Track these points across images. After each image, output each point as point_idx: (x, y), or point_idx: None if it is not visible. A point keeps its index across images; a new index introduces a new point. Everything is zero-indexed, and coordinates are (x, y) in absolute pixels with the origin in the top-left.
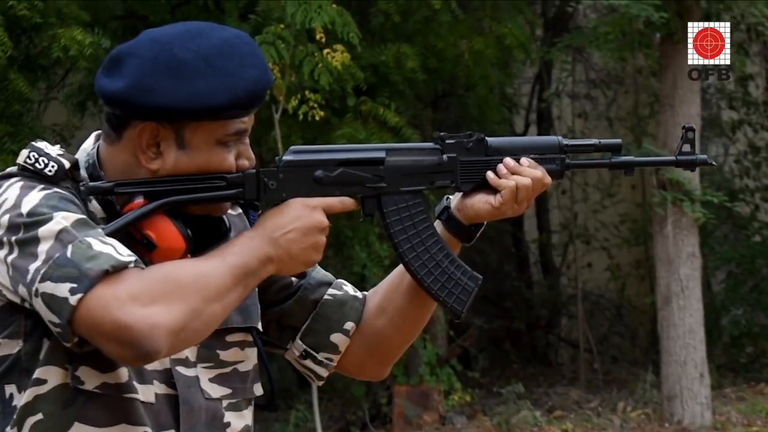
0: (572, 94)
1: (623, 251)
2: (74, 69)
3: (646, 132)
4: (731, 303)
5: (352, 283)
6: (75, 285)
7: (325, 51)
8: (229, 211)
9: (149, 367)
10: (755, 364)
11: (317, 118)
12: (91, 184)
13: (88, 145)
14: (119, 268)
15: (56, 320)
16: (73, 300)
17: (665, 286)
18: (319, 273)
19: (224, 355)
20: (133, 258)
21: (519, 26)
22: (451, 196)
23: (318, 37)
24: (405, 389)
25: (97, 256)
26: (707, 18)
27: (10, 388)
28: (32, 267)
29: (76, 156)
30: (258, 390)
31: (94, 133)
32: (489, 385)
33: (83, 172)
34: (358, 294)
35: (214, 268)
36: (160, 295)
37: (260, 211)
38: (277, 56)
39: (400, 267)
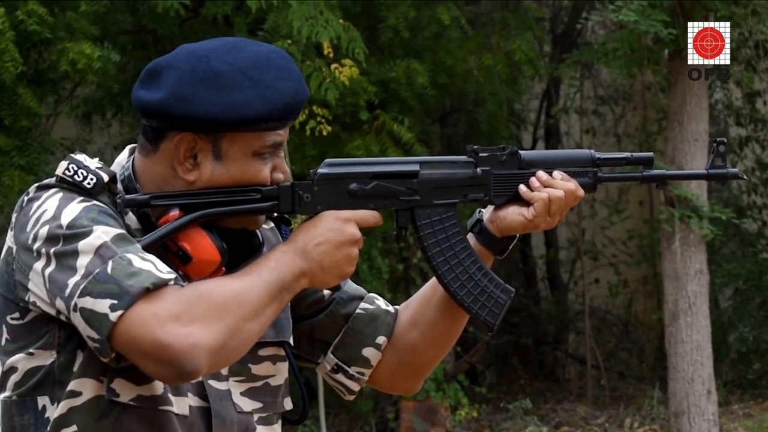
0: (580, 110)
1: (631, 267)
2: (83, 83)
3: (654, 148)
4: (738, 320)
5: None
6: (115, 301)
7: (333, 66)
8: (263, 225)
9: None
10: (762, 381)
11: (324, 133)
12: (128, 196)
13: (123, 158)
14: (159, 286)
15: (95, 336)
16: (114, 317)
17: (673, 302)
18: (351, 287)
19: (256, 369)
20: (173, 275)
21: (528, 42)
22: (483, 209)
23: (326, 51)
24: (412, 404)
25: (138, 273)
26: None
27: (42, 400)
28: (71, 281)
29: (112, 168)
30: (288, 404)
31: (128, 147)
32: (496, 401)
33: (119, 185)
34: (390, 308)
35: (251, 285)
36: (200, 314)
37: (292, 226)
38: None
39: (432, 281)
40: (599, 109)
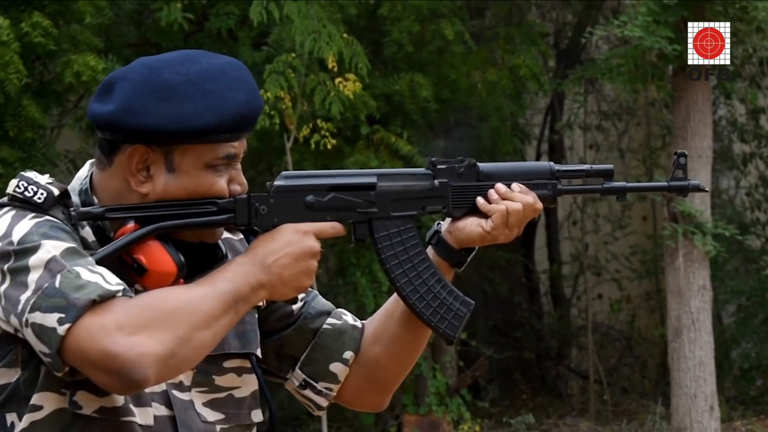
0: (584, 126)
1: (634, 283)
2: (87, 95)
3: (658, 164)
4: (741, 336)
5: (352, 311)
6: (63, 315)
7: (337, 80)
8: (230, 236)
9: (147, 389)
10: (765, 397)
11: (329, 146)
12: (82, 209)
13: (83, 172)
14: (106, 297)
15: (46, 350)
16: (62, 330)
17: (676, 318)
18: (320, 302)
19: (220, 380)
20: (121, 287)
21: (532, 57)
22: (441, 222)
23: (330, 65)
24: (414, 418)
25: (85, 286)
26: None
27: (11, 417)
28: (23, 297)
29: (72, 184)
30: (257, 417)
31: (89, 161)
32: (498, 416)
33: (76, 199)
34: (357, 323)
35: (203, 295)
36: (147, 324)
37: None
38: (287, 85)
39: (395, 295)
40: (603, 124)
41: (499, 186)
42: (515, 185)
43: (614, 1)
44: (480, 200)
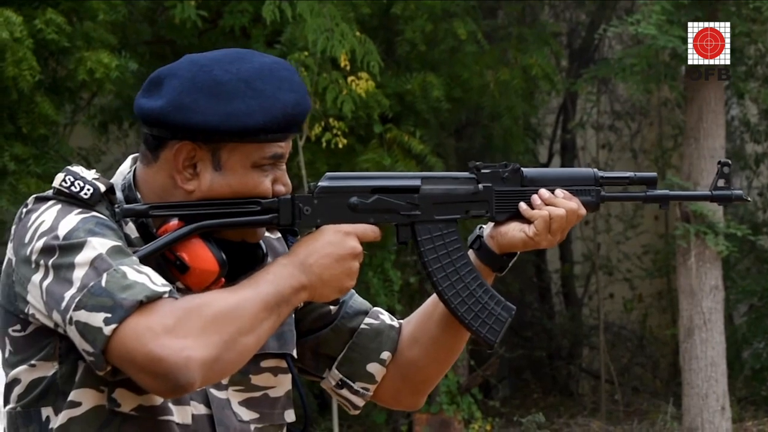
0: (596, 125)
1: (645, 282)
2: (100, 92)
3: (670, 164)
4: (753, 336)
5: None
6: (109, 315)
7: (350, 78)
8: (269, 235)
9: None
10: None
11: (340, 145)
12: (126, 206)
13: (125, 167)
14: (153, 299)
15: (90, 349)
16: (107, 330)
17: (688, 318)
18: (357, 302)
19: (256, 379)
20: (167, 288)
21: (545, 57)
22: (484, 226)
23: (343, 64)
24: (425, 417)
25: (132, 286)
26: (733, 51)
27: (46, 411)
28: (67, 294)
29: (114, 179)
30: (289, 417)
31: (131, 156)
32: (509, 415)
33: (119, 194)
34: (395, 323)
35: (248, 298)
36: (194, 327)
37: (299, 237)
38: None
39: (434, 296)
40: (615, 124)
41: (543, 191)
42: (559, 191)
43: (628, 1)
44: (523, 205)
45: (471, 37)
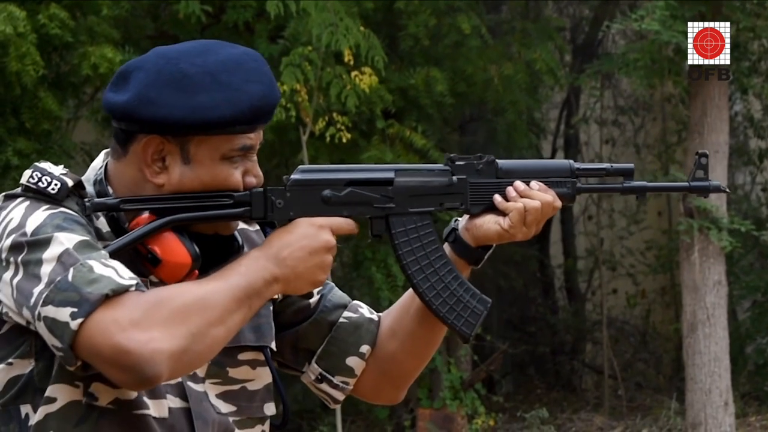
0: (600, 121)
1: (649, 278)
2: (104, 87)
3: (674, 159)
4: (756, 332)
5: (367, 304)
6: (75, 309)
7: (354, 73)
8: (247, 227)
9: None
10: None
11: (344, 140)
12: (97, 200)
13: (98, 162)
14: (119, 292)
15: (58, 344)
16: (74, 324)
17: (691, 313)
18: (336, 295)
19: (234, 372)
20: (134, 281)
21: (548, 52)
22: (459, 219)
23: (346, 59)
24: (429, 412)
25: (98, 280)
26: (737, 46)
27: (25, 408)
28: (36, 290)
29: (86, 173)
30: (269, 410)
31: (104, 151)
32: (513, 410)
33: (91, 189)
34: (374, 316)
35: (217, 290)
36: (161, 319)
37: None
38: (303, 78)
39: (411, 290)
40: (619, 119)
41: (518, 183)
42: (534, 183)
43: None
44: (498, 198)
45: (475, 32)
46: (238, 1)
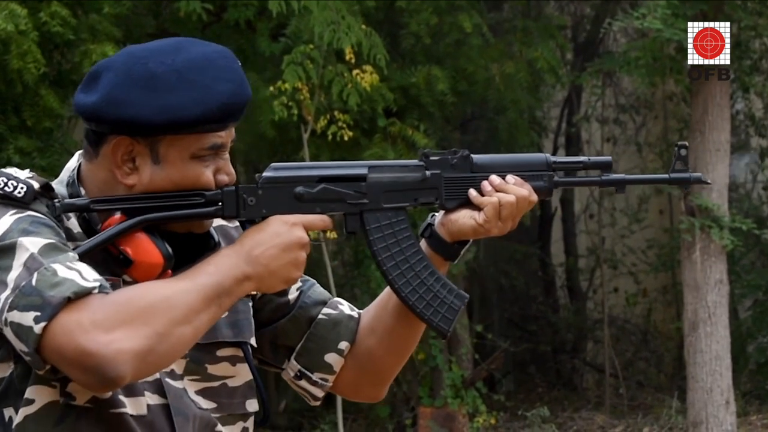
0: (601, 119)
1: (650, 276)
2: None
3: None
4: (758, 330)
5: (366, 303)
6: (39, 313)
7: (355, 71)
8: (226, 223)
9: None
10: None
11: (345, 138)
12: (67, 201)
13: (72, 163)
14: (82, 294)
15: (25, 349)
16: (38, 328)
17: (692, 312)
18: (316, 292)
19: (213, 369)
20: (97, 283)
21: (550, 50)
22: (435, 214)
23: (348, 57)
24: (430, 411)
25: (61, 283)
26: (738, 45)
27: (8, 411)
28: (2, 296)
29: (61, 175)
30: (251, 406)
31: (78, 152)
32: (514, 409)
33: (64, 190)
34: (354, 313)
35: (183, 289)
36: (124, 320)
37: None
38: (305, 76)
39: (389, 287)
40: (620, 117)
41: (494, 178)
42: (510, 177)
43: None
44: (472, 192)
45: (476, 31)
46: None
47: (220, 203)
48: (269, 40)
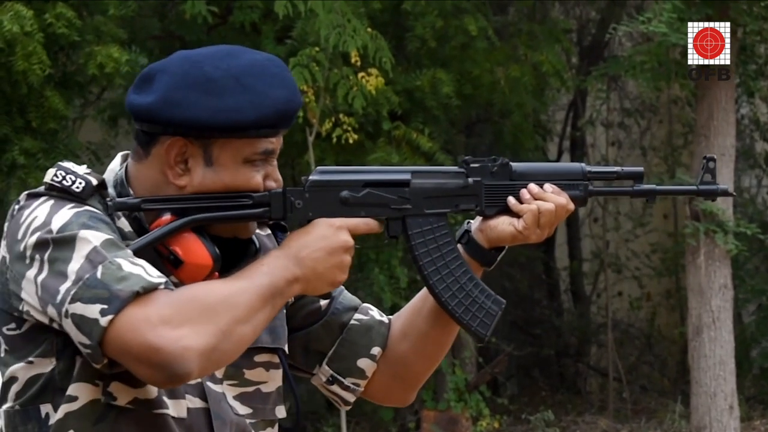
0: (606, 123)
1: (654, 281)
2: (110, 87)
3: (680, 162)
4: (761, 335)
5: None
6: (105, 306)
7: (360, 74)
8: (259, 232)
9: None
10: None
11: (351, 141)
12: (119, 200)
13: (115, 164)
14: (149, 290)
15: (86, 341)
16: (104, 321)
17: (696, 316)
18: (347, 297)
19: (249, 374)
20: (163, 279)
21: (555, 54)
22: (471, 220)
23: (353, 60)
24: (433, 414)
25: (128, 277)
26: (744, 49)
27: (45, 408)
28: (62, 287)
29: (105, 175)
30: (280, 413)
31: (120, 153)
32: (517, 412)
33: (111, 191)
34: (384, 318)
35: (243, 288)
36: (191, 317)
37: (288, 233)
38: (311, 79)
39: (423, 291)
40: (625, 121)
41: (532, 186)
42: (548, 185)
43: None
44: (512, 200)
45: (481, 34)
46: (245, 2)
47: (267, 206)
48: (275, 42)
